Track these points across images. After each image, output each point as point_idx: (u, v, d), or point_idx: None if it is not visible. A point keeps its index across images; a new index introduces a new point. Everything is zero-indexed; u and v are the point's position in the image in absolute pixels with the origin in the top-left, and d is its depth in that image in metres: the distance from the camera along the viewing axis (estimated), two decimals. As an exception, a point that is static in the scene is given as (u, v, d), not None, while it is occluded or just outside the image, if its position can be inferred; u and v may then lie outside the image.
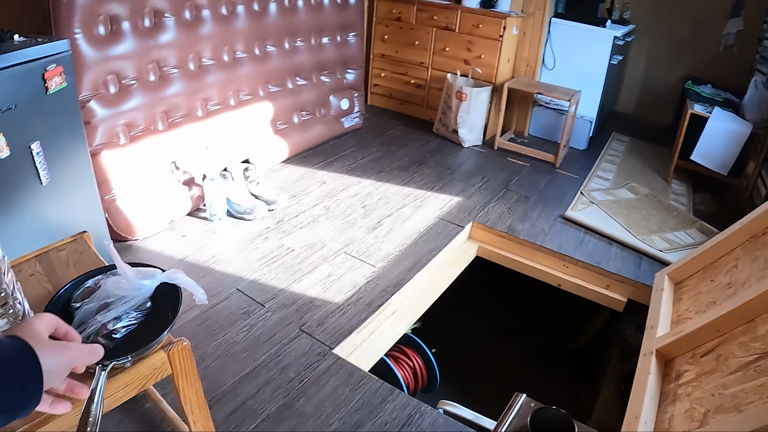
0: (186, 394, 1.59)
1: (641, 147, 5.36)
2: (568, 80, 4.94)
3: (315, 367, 2.56)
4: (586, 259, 3.47)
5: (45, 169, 2.53)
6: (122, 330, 1.42)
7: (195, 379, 1.59)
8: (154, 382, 1.47)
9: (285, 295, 3.00)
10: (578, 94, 4.68)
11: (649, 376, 2.44)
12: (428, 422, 2.35)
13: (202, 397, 1.66)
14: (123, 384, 1.40)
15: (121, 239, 3.33)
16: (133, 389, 1.43)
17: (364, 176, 4.33)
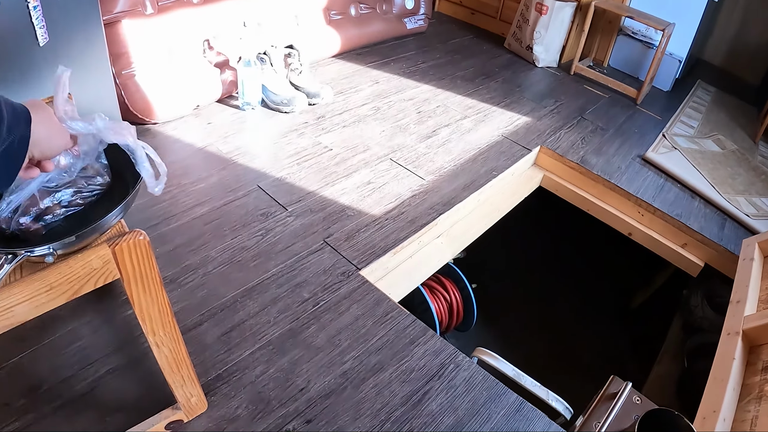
0: (142, 306, 1.16)
1: (728, 101, 4.88)
2: (662, 11, 4.40)
3: (335, 290, 2.15)
4: (665, 209, 3.04)
5: (43, 27, 2.16)
6: (61, 212, 1.00)
7: (156, 288, 1.15)
8: (93, 287, 1.04)
9: (313, 199, 2.60)
10: (672, 26, 4.18)
11: (733, 363, 2.06)
12: (463, 377, 1.94)
13: (168, 313, 1.23)
14: (46, 285, 0.97)
15: (137, 122, 2.96)
16: (61, 294, 1.01)
17: (423, 81, 3.91)
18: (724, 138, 4.00)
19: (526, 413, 1.85)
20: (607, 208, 3.22)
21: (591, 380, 3.14)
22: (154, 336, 1.23)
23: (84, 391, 1.70)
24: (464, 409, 1.82)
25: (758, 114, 4.49)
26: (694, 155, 3.63)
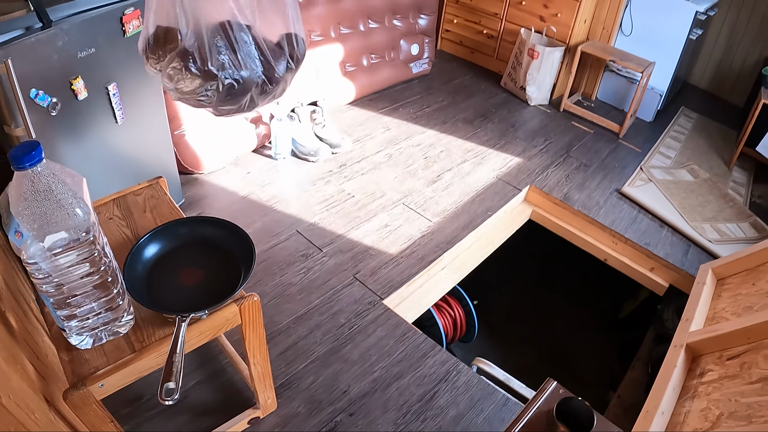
0: (250, 341, 1.75)
1: (709, 126, 5.24)
2: (644, 48, 4.84)
3: (364, 316, 2.73)
4: (635, 239, 3.53)
5: (120, 109, 2.65)
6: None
7: (260, 328, 1.74)
8: (225, 330, 1.63)
9: (342, 241, 3.15)
10: (652, 66, 4.61)
11: (675, 369, 2.54)
12: (463, 380, 2.51)
13: (264, 344, 1.82)
14: (198, 332, 1.56)
15: (188, 172, 3.49)
16: (206, 337, 1.60)
17: (428, 126, 4.39)
18: (698, 167, 4.41)
19: (510, 407, 2.44)
20: (587, 238, 3.71)
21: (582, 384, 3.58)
22: (253, 358, 1.82)
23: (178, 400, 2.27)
24: (464, 404, 2.42)
25: (737, 137, 4.85)
26: (668, 186, 4.08)
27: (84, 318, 1.40)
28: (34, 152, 1.14)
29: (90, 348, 1.48)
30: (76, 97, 2.42)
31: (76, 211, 1.20)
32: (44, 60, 2.26)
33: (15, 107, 2.19)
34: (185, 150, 3.41)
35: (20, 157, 1.13)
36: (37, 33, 2.22)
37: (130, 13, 2.52)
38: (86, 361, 1.46)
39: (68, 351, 1.48)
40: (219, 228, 1.73)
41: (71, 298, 1.33)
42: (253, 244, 1.65)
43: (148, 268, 1.62)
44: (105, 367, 1.44)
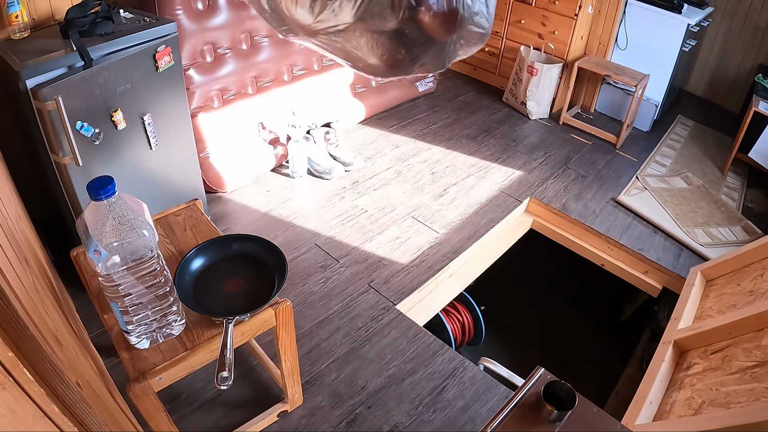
0: (282, 340, 2.01)
1: (704, 134, 5.38)
2: (639, 61, 5.02)
3: (379, 320, 2.99)
4: (629, 245, 3.74)
5: (154, 137, 2.89)
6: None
7: (291, 330, 2.01)
8: (262, 331, 1.90)
9: (357, 252, 3.41)
10: (646, 78, 4.78)
11: (662, 364, 2.77)
12: (469, 376, 2.76)
13: (294, 343, 2.08)
14: (241, 332, 1.83)
15: (212, 191, 3.75)
16: (248, 336, 1.87)
17: (435, 142, 4.63)
18: (692, 175, 4.59)
19: (512, 399, 2.68)
20: (584, 245, 3.94)
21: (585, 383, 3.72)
22: (284, 355, 2.08)
23: (213, 397, 2.55)
24: (470, 396, 2.68)
25: (731, 143, 4.95)
26: (662, 193, 4.28)
27: (145, 322, 1.66)
28: (109, 186, 1.41)
29: (147, 348, 1.74)
30: (116, 127, 2.67)
31: (144, 232, 1.47)
32: (88, 95, 2.50)
33: (63, 138, 2.44)
34: (209, 170, 3.66)
35: (97, 190, 1.40)
36: (80, 71, 2.47)
37: (162, 50, 2.78)
38: (145, 359, 1.72)
39: (128, 350, 1.74)
40: (254, 243, 2.01)
41: (136, 305, 1.60)
42: (285, 257, 1.92)
43: (195, 279, 1.89)
44: (162, 363, 1.70)
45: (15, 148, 2.92)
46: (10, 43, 2.58)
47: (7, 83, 2.49)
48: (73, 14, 2.59)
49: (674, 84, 5.32)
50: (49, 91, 2.34)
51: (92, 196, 1.41)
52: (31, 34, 2.67)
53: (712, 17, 5.46)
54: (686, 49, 5.00)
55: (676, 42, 4.88)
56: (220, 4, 3.49)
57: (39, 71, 2.38)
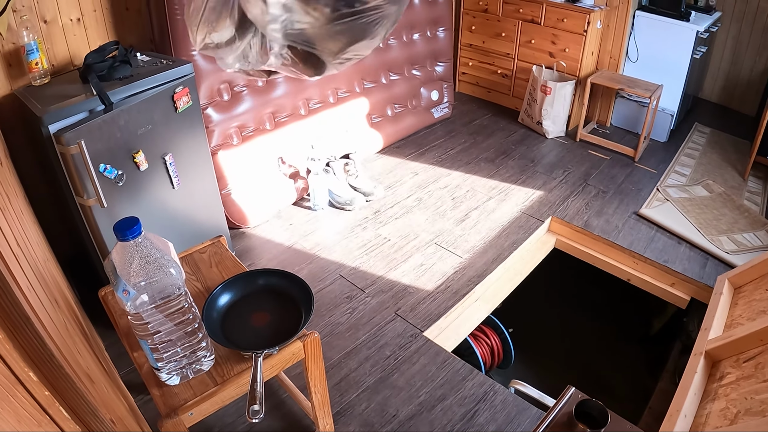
0: (312, 372, 2.02)
1: (722, 140, 5.34)
2: (652, 72, 5.02)
3: (407, 347, 2.99)
4: (654, 258, 3.71)
5: (176, 176, 2.95)
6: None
7: (320, 361, 2.02)
8: (291, 364, 1.91)
9: (382, 281, 3.43)
10: (659, 89, 4.76)
11: (695, 375, 2.73)
12: (500, 399, 2.75)
13: (324, 374, 2.09)
14: (270, 366, 1.84)
15: (235, 227, 3.80)
16: (277, 369, 1.88)
17: (453, 168, 4.65)
18: (712, 182, 4.56)
19: (546, 421, 2.67)
20: (609, 261, 3.92)
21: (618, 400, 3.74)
22: (314, 387, 2.09)
23: (244, 430, 2.56)
24: (502, 420, 2.66)
25: (750, 147, 4.90)
26: (684, 203, 4.25)
27: (175, 358, 1.68)
28: (135, 227, 1.44)
29: (178, 384, 1.76)
30: (139, 168, 2.72)
31: (170, 270, 1.50)
32: (110, 138, 2.55)
33: (87, 181, 2.49)
34: (232, 207, 3.71)
35: (124, 231, 1.43)
36: (101, 115, 2.53)
37: (180, 91, 2.83)
38: (175, 395, 1.74)
39: (159, 387, 1.76)
40: (280, 277, 2.04)
41: (166, 342, 1.62)
42: (311, 289, 1.94)
43: (222, 314, 1.92)
44: (193, 398, 1.72)
45: (40, 192, 2.98)
46: (32, 89, 2.66)
47: (31, 128, 2.56)
48: (92, 59, 2.65)
49: (688, 92, 5.31)
50: (72, 136, 2.39)
51: (119, 237, 1.43)
52: (51, 80, 2.75)
53: (720, 22, 5.45)
54: (697, 56, 5.00)
55: (687, 50, 4.88)
56: (234, 42, 3.53)
57: (61, 116, 2.45)
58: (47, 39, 2.98)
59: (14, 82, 2.87)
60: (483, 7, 5.52)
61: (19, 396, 0.84)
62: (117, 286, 1.46)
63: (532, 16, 5.20)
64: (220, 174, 3.60)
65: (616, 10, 5.03)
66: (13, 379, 0.85)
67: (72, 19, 3.07)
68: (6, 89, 2.84)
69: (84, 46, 3.13)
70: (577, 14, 4.90)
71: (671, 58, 4.98)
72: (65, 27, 3.05)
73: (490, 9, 5.48)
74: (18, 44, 2.76)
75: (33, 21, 2.87)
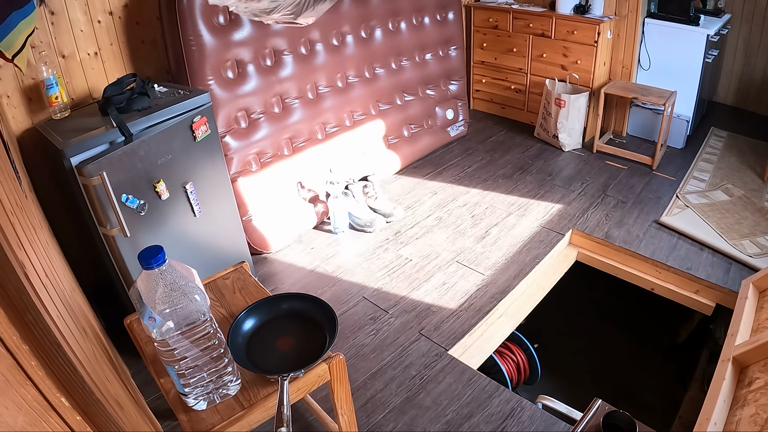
0: (338, 394, 2.03)
1: (739, 142, 5.29)
2: (665, 79, 5.00)
3: (433, 366, 2.99)
4: (677, 265, 3.68)
5: (197, 204, 2.99)
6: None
7: (346, 383, 2.02)
8: (317, 386, 1.92)
9: (405, 302, 3.44)
10: (673, 95, 4.74)
11: (723, 382, 2.71)
12: (528, 415, 2.73)
13: (350, 395, 2.09)
14: (296, 389, 1.86)
15: (257, 253, 3.83)
16: (303, 392, 1.89)
17: (471, 185, 4.66)
18: (732, 186, 4.52)
19: (574, 435, 2.66)
20: (631, 271, 3.89)
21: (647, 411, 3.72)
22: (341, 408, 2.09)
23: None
24: (531, 437, 2.65)
25: None
26: (704, 209, 4.22)
27: (202, 384, 1.70)
28: (160, 255, 1.46)
29: (204, 409, 1.77)
30: (160, 197, 2.76)
31: (195, 297, 1.52)
32: (131, 168, 2.60)
33: (110, 211, 2.53)
34: (253, 233, 3.74)
35: (148, 260, 1.45)
36: (122, 146, 2.58)
37: (198, 120, 2.88)
38: (202, 420, 1.75)
39: (186, 413, 1.77)
40: (303, 301, 2.04)
41: (192, 368, 1.63)
42: (334, 312, 1.95)
43: (247, 339, 1.93)
44: (220, 423, 1.73)
45: (63, 224, 3.04)
46: (52, 122, 2.72)
47: (53, 161, 2.61)
48: (110, 92, 2.71)
49: (702, 96, 5.28)
50: (94, 167, 2.44)
51: (143, 266, 1.46)
52: (71, 114, 2.82)
53: (730, 24, 5.43)
54: (709, 60, 4.98)
55: (698, 54, 4.87)
56: (249, 71, 3.60)
57: (82, 149, 2.50)
58: (66, 73, 3.05)
59: (35, 117, 2.94)
60: (493, 23, 5.55)
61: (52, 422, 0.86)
62: (143, 313, 1.48)
63: (543, 30, 5.22)
64: (241, 201, 3.63)
65: (625, 18, 5.03)
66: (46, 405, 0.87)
67: (89, 53, 3.14)
68: (27, 123, 2.92)
69: (102, 79, 3.19)
70: (587, 26, 4.92)
71: (683, 63, 4.96)
72: (83, 61, 3.12)
73: (500, 25, 5.51)
74: (37, 79, 2.82)
75: (51, 56, 2.95)
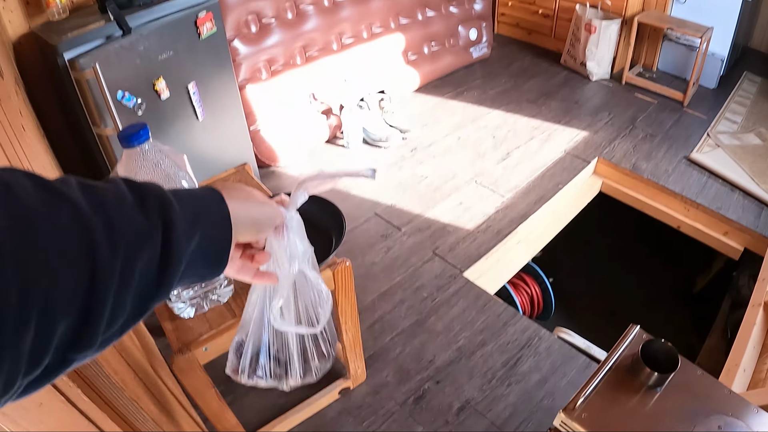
0: (343, 307, 1.85)
1: None
2: (701, 15, 4.70)
3: (446, 289, 2.82)
4: (707, 204, 3.51)
5: (200, 107, 2.82)
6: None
7: (352, 294, 1.84)
8: (318, 297, 1.72)
9: (420, 220, 3.26)
10: (710, 31, 4.51)
11: (754, 327, 2.57)
12: (545, 346, 2.57)
13: (356, 310, 1.91)
14: None
15: (264, 165, 3.66)
16: None
17: (493, 107, 4.44)
18: (765, 131, 4.32)
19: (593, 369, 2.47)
20: (658, 207, 3.71)
21: None
22: (345, 324, 1.92)
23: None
24: (546, 369, 2.48)
25: None
26: (736, 151, 4.03)
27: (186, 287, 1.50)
28: (142, 131, 1.25)
29: (192, 317, 1.59)
30: (159, 96, 2.59)
31: (182, 183, 1.31)
32: (128, 64, 2.43)
33: (105, 109, 2.38)
34: (261, 144, 3.57)
35: (129, 137, 1.24)
36: (119, 39, 2.40)
37: (204, 16, 2.68)
38: (190, 329, 1.57)
39: (172, 321, 1.60)
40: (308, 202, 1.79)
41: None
42: (342, 213, 1.75)
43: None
44: (209, 332, 1.55)
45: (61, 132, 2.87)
46: (50, 25, 2.56)
47: (50, 64, 2.45)
48: (110, -13, 2.53)
49: (737, 39, 5.01)
50: (87, 60, 2.30)
51: (123, 144, 1.25)
52: (69, 16, 2.63)
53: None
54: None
55: (739, -8, 4.59)
56: (262, -31, 3.38)
57: (76, 43, 2.36)
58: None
59: (32, 21, 2.74)
60: (524, -59, 5.25)
61: None
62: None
63: (576, -50, 4.92)
64: (249, 109, 3.46)
65: (664, -57, 4.73)
66: None
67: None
68: (24, 28, 2.72)
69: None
70: (623, -52, 4.61)
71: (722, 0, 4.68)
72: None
73: (531, -56, 5.21)
74: (34, -19, 2.64)
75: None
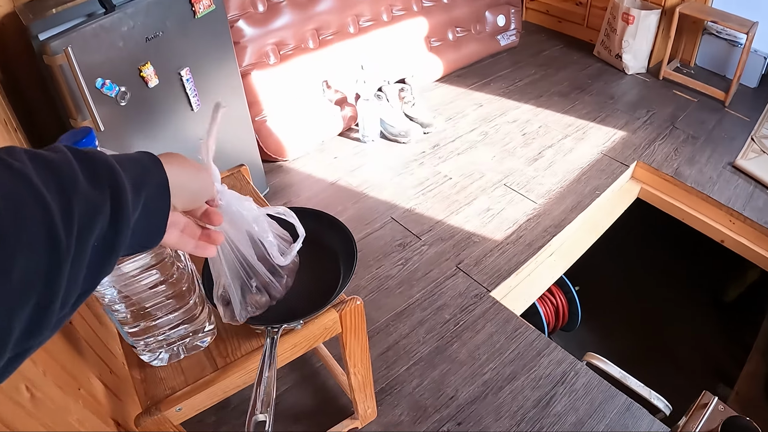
0: (351, 349, 1.55)
1: None
2: (743, 8, 4.40)
3: (471, 310, 2.52)
4: (755, 217, 3.20)
5: (195, 96, 2.54)
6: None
7: (363, 335, 1.53)
8: (323, 341, 1.43)
9: (442, 227, 2.97)
10: (755, 26, 4.20)
11: None
12: (582, 383, 2.27)
13: (367, 352, 1.61)
14: (291, 345, 1.37)
15: (271, 160, 3.41)
16: (301, 349, 1.40)
17: (522, 100, 4.17)
18: (811, 136, 4.04)
19: (634, 412, 2.19)
20: (701, 218, 3.40)
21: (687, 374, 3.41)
22: (353, 367, 1.61)
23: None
24: (584, 410, 2.16)
25: None
26: (783, 157, 3.72)
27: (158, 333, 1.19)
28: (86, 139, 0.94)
29: (166, 365, 1.29)
30: (147, 84, 2.31)
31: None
32: (109, 47, 2.16)
33: (80, 98, 2.10)
34: (268, 137, 3.31)
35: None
36: (99, 18, 2.12)
37: (201, -10, 2.40)
38: (161, 381, 1.28)
39: (140, 369, 1.30)
40: (313, 220, 1.43)
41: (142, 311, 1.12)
42: (353, 238, 1.42)
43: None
44: (183, 387, 1.25)
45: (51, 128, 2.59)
46: (33, 4, 2.28)
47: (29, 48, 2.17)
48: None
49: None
50: (59, 44, 2.02)
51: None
52: None
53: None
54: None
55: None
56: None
57: (51, 23, 2.08)
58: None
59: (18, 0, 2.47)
60: None
61: None
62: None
63: (613, -66, 4.65)
64: (254, 98, 3.20)
65: (709, -70, 4.46)
66: None
67: None
68: (8, 8, 2.44)
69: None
70: (666, -67, 4.35)
71: (767, -7, 4.41)
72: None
73: (564, -75, 4.97)
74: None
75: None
